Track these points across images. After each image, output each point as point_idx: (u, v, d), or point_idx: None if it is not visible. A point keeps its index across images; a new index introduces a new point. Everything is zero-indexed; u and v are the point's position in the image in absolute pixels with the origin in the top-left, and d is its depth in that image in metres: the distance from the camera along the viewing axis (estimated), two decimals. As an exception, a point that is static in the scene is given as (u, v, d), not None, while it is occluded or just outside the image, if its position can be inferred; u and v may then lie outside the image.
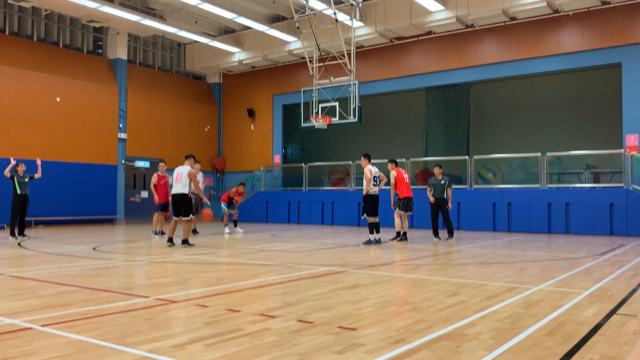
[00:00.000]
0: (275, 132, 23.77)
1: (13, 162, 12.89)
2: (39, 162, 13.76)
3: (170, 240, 10.97)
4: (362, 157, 11.73)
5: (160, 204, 13.55)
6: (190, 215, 10.95)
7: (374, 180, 11.52)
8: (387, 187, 12.42)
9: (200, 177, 14.02)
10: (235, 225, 15.55)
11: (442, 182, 12.89)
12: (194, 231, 14.35)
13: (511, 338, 3.80)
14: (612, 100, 18.08)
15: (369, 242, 11.55)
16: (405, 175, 12.37)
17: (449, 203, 12.94)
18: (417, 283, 6.35)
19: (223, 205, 15.22)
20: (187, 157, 11.33)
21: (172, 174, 11.45)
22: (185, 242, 10.87)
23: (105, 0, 17.66)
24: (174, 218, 11.00)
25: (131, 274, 7.13)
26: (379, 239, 11.66)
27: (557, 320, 4.37)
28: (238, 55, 22.79)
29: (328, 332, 3.93)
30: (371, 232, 11.66)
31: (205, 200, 11.60)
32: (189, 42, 23.84)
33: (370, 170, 11.48)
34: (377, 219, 11.64)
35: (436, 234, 13.01)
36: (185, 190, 10.90)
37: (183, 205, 10.87)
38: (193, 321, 4.27)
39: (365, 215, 11.57)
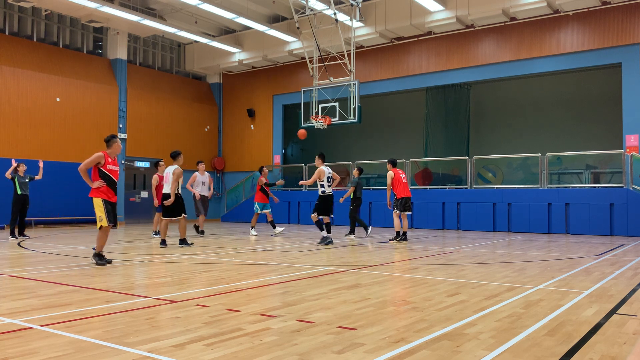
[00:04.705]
0: (275, 132, 23.77)
1: (15, 164, 12.88)
2: (41, 165, 13.74)
3: (164, 242, 10.82)
4: (317, 157, 11.73)
5: (161, 204, 13.52)
6: (183, 215, 10.85)
7: (328, 180, 11.48)
8: (382, 188, 12.44)
9: (206, 177, 13.94)
10: (274, 227, 14.73)
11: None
12: (201, 232, 14.23)
13: (511, 338, 3.80)
14: (612, 100, 18.08)
15: (325, 240, 11.46)
16: (403, 175, 12.38)
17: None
18: (416, 283, 6.35)
19: (257, 205, 14.34)
20: (174, 157, 10.96)
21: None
22: (182, 241, 10.79)
23: (105, 0, 17.66)
24: (164, 219, 10.89)
25: (131, 274, 7.13)
26: (329, 237, 11.67)
27: (557, 320, 4.37)
28: (238, 56, 22.79)
29: (328, 332, 3.92)
30: (322, 230, 11.58)
31: (172, 199, 10.78)
32: (189, 42, 23.84)
33: (323, 171, 11.43)
34: (328, 219, 11.68)
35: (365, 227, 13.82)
36: (169, 190, 10.82)
37: (174, 205, 10.77)
38: (193, 321, 4.27)
39: (315, 214, 11.51)
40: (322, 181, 11.42)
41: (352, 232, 14.09)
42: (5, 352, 3.37)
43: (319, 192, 11.51)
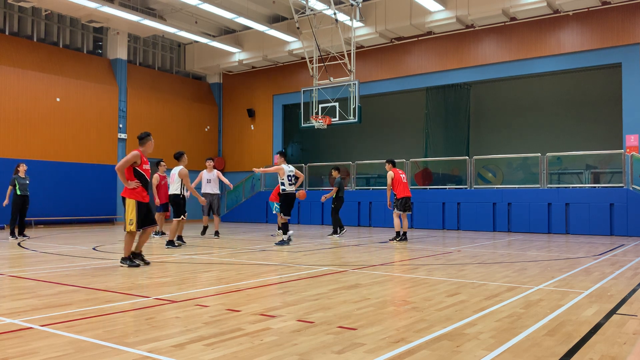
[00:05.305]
0: (275, 132, 23.77)
1: (7, 201, 12.94)
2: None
3: (180, 238, 11.10)
4: (278, 155, 11.59)
5: (161, 204, 13.51)
6: (182, 217, 10.91)
7: (289, 179, 11.32)
8: (382, 188, 12.42)
9: (212, 175, 13.68)
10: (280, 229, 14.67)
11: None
12: (202, 232, 14.11)
13: (511, 338, 3.80)
14: (612, 100, 18.09)
15: (282, 243, 11.27)
16: (403, 175, 12.37)
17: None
18: (417, 283, 6.35)
19: (276, 205, 13.91)
20: (177, 158, 10.99)
21: (169, 174, 11.50)
22: (169, 243, 10.68)
23: (105, 0, 17.66)
24: (174, 219, 11.04)
25: (131, 274, 7.13)
26: (289, 238, 11.55)
27: (557, 320, 4.37)
28: (238, 55, 22.80)
29: (328, 332, 3.92)
30: (286, 232, 11.44)
31: (198, 197, 11.02)
32: (189, 42, 23.85)
33: (283, 169, 11.27)
34: (286, 219, 11.53)
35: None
36: (177, 191, 10.93)
37: (174, 206, 10.93)
38: (193, 321, 4.27)
39: (282, 214, 11.35)
40: (282, 179, 11.29)
41: (335, 232, 13.99)
42: (5, 352, 3.37)
43: (280, 191, 11.44)
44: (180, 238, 11.21)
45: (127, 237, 7.65)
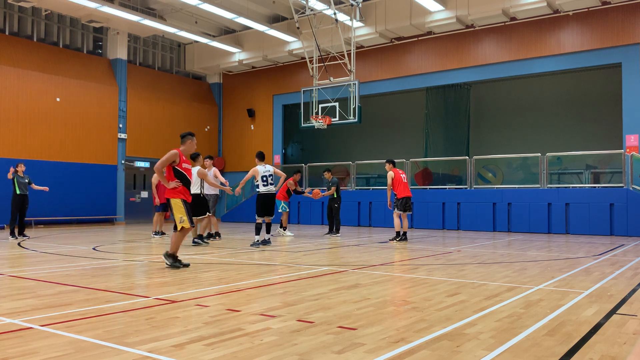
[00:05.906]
0: (275, 132, 23.77)
1: (12, 171, 12.83)
2: (45, 189, 13.64)
3: (200, 237, 11.40)
4: (256, 157, 11.43)
5: (161, 204, 13.52)
6: (208, 214, 11.20)
7: (263, 179, 11.10)
8: (382, 188, 12.44)
9: (211, 174, 13.55)
10: (285, 228, 14.53)
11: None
12: (217, 234, 14.02)
13: (511, 338, 3.80)
14: (612, 100, 18.08)
15: (257, 244, 11.04)
16: (403, 175, 12.37)
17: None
18: (417, 283, 6.35)
19: (283, 204, 14.04)
20: (194, 158, 11.12)
21: None
22: (210, 235, 11.67)
23: (105, 0, 17.66)
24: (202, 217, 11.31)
25: (131, 274, 7.12)
26: (269, 238, 11.35)
27: (557, 320, 4.37)
28: (238, 55, 22.80)
29: (328, 332, 3.92)
30: (267, 232, 11.29)
31: (225, 188, 11.17)
32: (189, 42, 23.85)
33: (257, 170, 11.09)
34: (269, 219, 11.22)
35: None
36: (197, 191, 11.08)
37: (197, 206, 10.93)
38: (193, 321, 4.27)
39: (256, 215, 11.10)
40: (257, 181, 11.14)
41: (337, 230, 14.31)
42: (5, 352, 3.37)
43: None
44: (200, 237, 11.41)
45: (177, 236, 7.52)
